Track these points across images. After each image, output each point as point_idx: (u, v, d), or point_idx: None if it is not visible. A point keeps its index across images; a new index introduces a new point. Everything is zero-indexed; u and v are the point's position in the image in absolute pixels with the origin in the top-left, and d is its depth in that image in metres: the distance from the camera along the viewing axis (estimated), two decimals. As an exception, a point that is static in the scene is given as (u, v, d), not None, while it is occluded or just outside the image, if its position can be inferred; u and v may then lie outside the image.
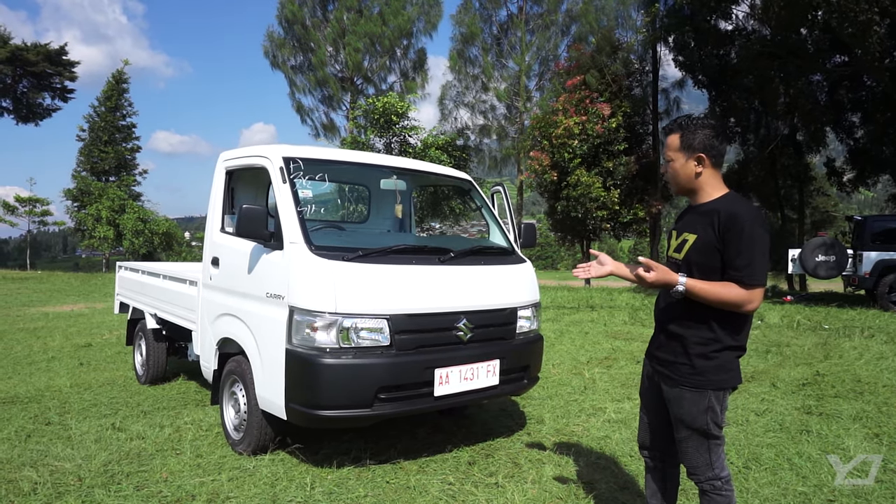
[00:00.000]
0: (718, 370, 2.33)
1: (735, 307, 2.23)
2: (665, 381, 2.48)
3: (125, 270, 7.12)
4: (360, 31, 30.95)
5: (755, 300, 2.22)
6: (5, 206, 37.85)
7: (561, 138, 21.68)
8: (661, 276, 2.29)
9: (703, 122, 2.39)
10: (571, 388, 6.08)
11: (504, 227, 4.90)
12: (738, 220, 2.23)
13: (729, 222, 2.24)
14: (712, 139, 2.36)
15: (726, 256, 2.25)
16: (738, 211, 2.26)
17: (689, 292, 2.27)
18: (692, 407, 2.37)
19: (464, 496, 3.49)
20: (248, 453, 4.00)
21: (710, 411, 2.35)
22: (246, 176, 4.94)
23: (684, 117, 2.45)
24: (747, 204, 2.34)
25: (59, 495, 3.38)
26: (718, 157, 2.39)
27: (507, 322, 4.22)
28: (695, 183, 2.41)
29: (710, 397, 2.34)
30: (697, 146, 2.36)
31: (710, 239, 2.29)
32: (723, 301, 2.24)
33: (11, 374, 6.58)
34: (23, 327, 10.30)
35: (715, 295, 2.24)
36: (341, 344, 3.51)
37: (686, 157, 2.39)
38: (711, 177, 2.39)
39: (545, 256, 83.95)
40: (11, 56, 34.95)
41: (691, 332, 2.36)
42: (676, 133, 2.41)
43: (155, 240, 32.78)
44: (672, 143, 2.43)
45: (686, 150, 2.38)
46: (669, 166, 2.45)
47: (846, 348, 8.25)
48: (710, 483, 2.41)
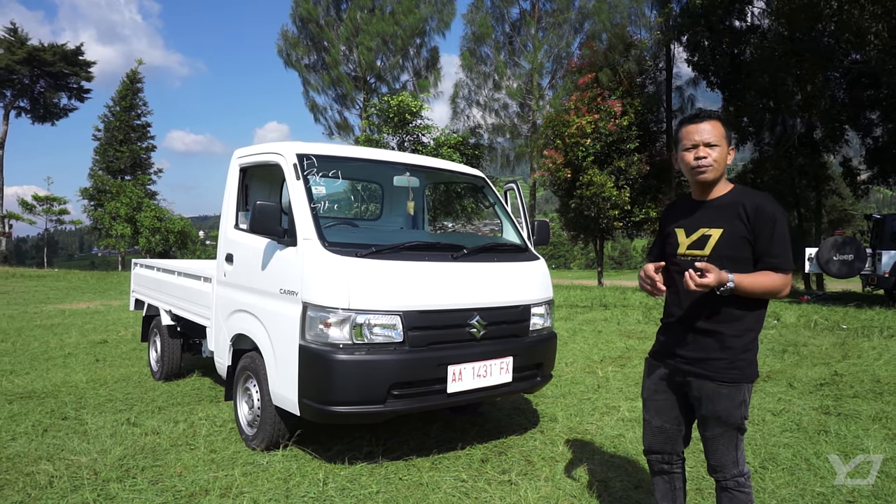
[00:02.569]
0: (752, 363, 2.36)
1: (776, 294, 2.28)
2: (696, 378, 2.41)
3: (140, 268, 7.18)
4: (374, 30, 31.00)
5: (789, 283, 2.30)
6: (23, 204, 38.40)
7: (574, 137, 21.59)
8: (718, 277, 2.18)
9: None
10: (585, 387, 6.04)
11: (517, 224, 4.88)
12: (768, 211, 2.27)
13: (759, 213, 2.27)
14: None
15: (760, 246, 2.27)
16: (763, 203, 2.30)
17: (739, 287, 2.22)
18: (729, 402, 2.34)
19: (477, 493, 3.47)
20: (261, 449, 4.01)
21: (744, 405, 2.36)
22: (260, 173, 4.95)
23: (709, 111, 2.43)
24: (768, 196, 2.37)
25: (76, 489, 3.41)
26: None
27: (520, 319, 4.20)
28: (724, 171, 2.40)
29: (745, 390, 2.35)
30: (731, 138, 2.42)
31: (739, 231, 2.29)
32: (767, 290, 2.26)
33: (29, 369, 6.66)
34: (40, 324, 10.43)
35: (762, 285, 2.25)
36: (354, 340, 3.51)
37: (727, 144, 2.39)
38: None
39: (558, 255, 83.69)
40: (29, 57, 35.44)
41: (727, 325, 2.33)
42: (717, 120, 2.36)
43: (170, 238, 33.09)
44: (716, 130, 2.34)
45: (728, 138, 2.39)
46: (715, 151, 2.34)
47: (865, 348, 8.13)
48: (734, 480, 2.39)
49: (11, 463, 3.80)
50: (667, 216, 2.60)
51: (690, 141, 2.36)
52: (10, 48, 35.50)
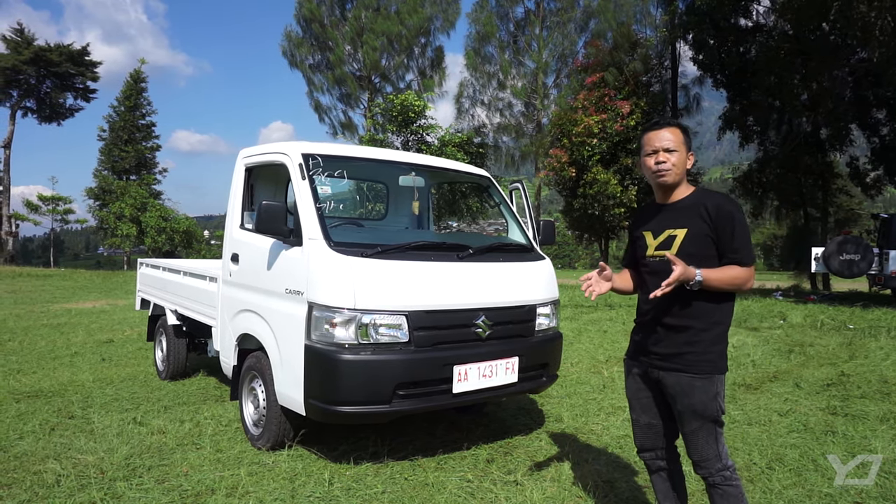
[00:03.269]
0: (722, 355, 2.45)
1: (741, 286, 2.39)
2: (669, 374, 2.49)
3: (146, 267, 7.20)
4: (378, 30, 31.04)
5: (753, 277, 2.41)
6: (29, 205, 38.58)
7: (580, 136, 21.55)
8: (684, 271, 2.30)
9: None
10: (590, 387, 6.03)
11: (523, 224, 4.87)
12: (728, 210, 2.40)
13: (719, 212, 2.39)
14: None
15: (722, 243, 2.39)
16: (722, 202, 2.43)
17: (706, 281, 2.34)
18: (703, 395, 2.42)
19: (482, 494, 3.47)
20: (267, 448, 4.02)
21: (719, 397, 2.43)
22: (265, 173, 4.96)
23: (669, 119, 2.68)
24: (727, 196, 2.53)
25: (83, 487, 3.42)
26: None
27: (526, 319, 4.19)
28: (684, 175, 2.53)
29: (717, 382, 2.43)
30: (690, 144, 2.53)
31: (702, 230, 2.41)
32: (733, 283, 2.36)
33: (36, 368, 6.69)
34: (46, 323, 10.48)
35: (728, 278, 2.36)
36: (360, 340, 3.51)
37: (686, 150, 2.52)
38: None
39: (562, 255, 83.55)
40: (35, 57, 35.57)
41: (696, 320, 2.43)
42: (676, 127, 2.53)
43: (175, 238, 33.18)
44: (676, 136, 2.50)
45: (687, 144, 2.52)
46: (674, 156, 2.48)
47: (872, 348, 8.09)
48: (720, 475, 2.43)
49: (19, 461, 3.81)
50: (635, 222, 2.73)
51: (651, 147, 2.51)
52: (17, 48, 35.65)
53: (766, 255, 55.38)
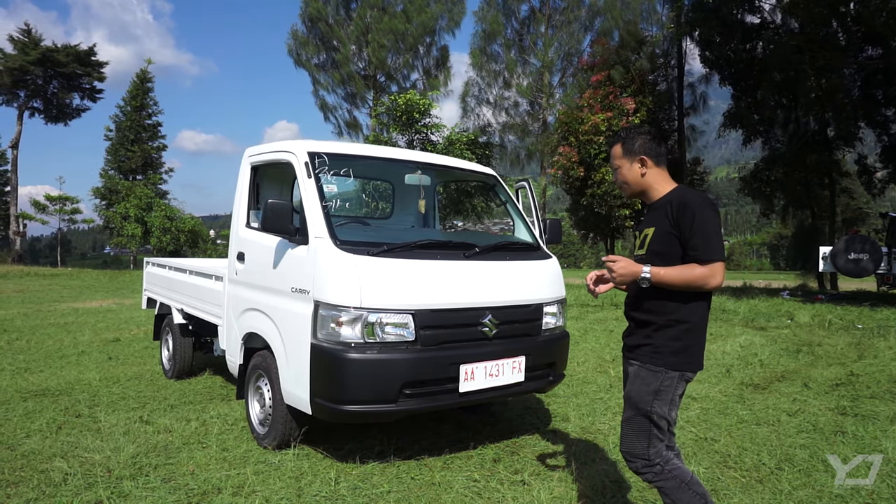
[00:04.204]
0: (678, 351, 2.42)
1: (699, 285, 2.34)
2: (630, 364, 2.57)
3: (152, 266, 7.21)
4: (384, 29, 31.02)
5: (716, 275, 2.33)
6: (36, 204, 38.79)
7: (587, 135, 21.51)
8: (626, 267, 2.40)
9: (639, 130, 2.64)
10: (597, 386, 6.00)
11: (529, 222, 4.85)
12: (689, 205, 2.39)
13: (680, 208, 2.40)
14: (650, 142, 2.57)
15: (683, 240, 2.39)
16: (688, 198, 2.42)
17: (655, 278, 2.37)
18: (642, 385, 2.45)
19: (489, 493, 3.45)
20: (273, 447, 4.01)
21: (659, 395, 2.41)
22: (271, 171, 4.95)
23: (622, 130, 2.70)
24: (696, 192, 2.50)
25: (89, 486, 3.42)
26: (659, 156, 2.58)
27: (532, 318, 4.17)
28: (643, 183, 2.58)
29: (662, 379, 2.41)
30: (638, 150, 2.57)
31: (665, 228, 2.44)
32: (687, 281, 2.35)
33: (43, 367, 6.71)
34: (54, 322, 10.52)
35: (679, 276, 2.36)
36: (366, 339, 3.50)
37: (630, 161, 2.59)
38: (658, 175, 2.57)
39: (568, 255, 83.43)
40: (42, 57, 35.76)
41: (657, 315, 2.45)
42: (618, 143, 2.63)
43: (181, 237, 33.29)
44: (616, 153, 2.64)
45: (628, 155, 2.59)
46: (618, 173, 2.64)
47: (881, 348, 8.03)
48: (649, 471, 2.42)
49: (26, 460, 3.82)
50: (635, 223, 2.78)
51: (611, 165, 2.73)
52: (24, 49, 35.85)
53: (773, 254, 55.12)
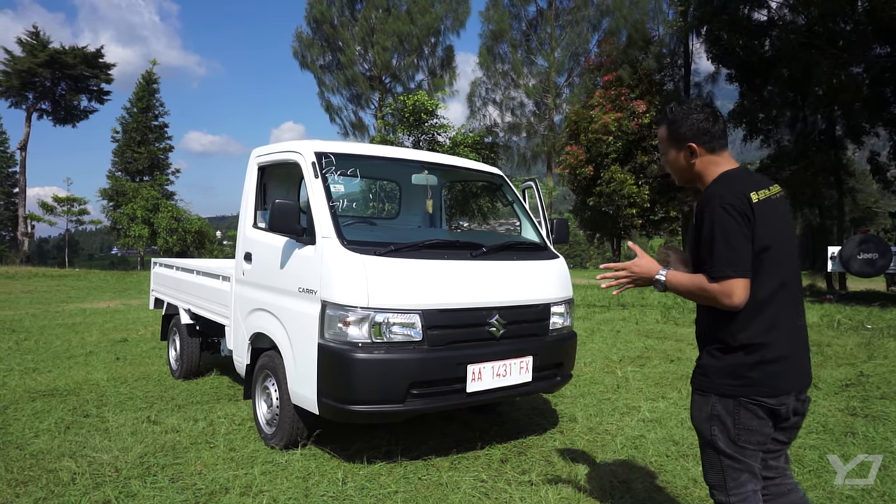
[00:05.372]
0: (723, 373, 2.06)
1: (711, 301, 2.02)
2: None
3: (160, 267, 7.23)
4: (389, 30, 31.07)
5: (729, 293, 1.96)
6: (44, 206, 39.00)
7: (597, 134, 21.49)
8: (643, 267, 2.18)
9: (692, 108, 2.19)
10: (604, 387, 5.98)
11: (536, 222, 4.83)
12: (702, 206, 2.05)
13: (698, 210, 2.08)
14: (703, 123, 2.14)
15: (699, 249, 2.08)
16: (706, 195, 2.07)
17: (669, 285, 2.13)
18: (697, 411, 2.16)
19: (497, 494, 3.44)
20: (280, 447, 4.01)
21: (716, 421, 2.08)
22: (278, 172, 4.95)
23: (673, 104, 2.27)
24: (721, 185, 2.08)
25: (98, 486, 3.43)
26: (713, 140, 2.15)
27: (540, 318, 4.15)
28: (692, 174, 2.21)
29: (715, 404, 2.08)
30: (686, 135, 2.17)
31: (691, 231, 2.18)
32: (696, 295, 2.06)
33: (51, 367, 6.74)
34: (62, 323, 10.57)
35: (686, 287, 2.08)
36: (373, 339, 3.49)
37: (676, 149, 2.21)
38: (710, 163, 2.16)
39: (574, 255, 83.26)
40: (50, 59, 35.97)
41: (705, 330, 2.16)
42: (663, 125, 2.24)
43: (187, 238, 33.42)
44: (661, 137, 2.26)
45: (675, 141, 2.21)
46: (664, 160, 2.30)
47: (891, 348, 7.96)
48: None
49: (35, 460, 3.83)
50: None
51: None
52: (32, 51, 36.07)
53: (780, 254, 54.77)
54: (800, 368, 2.11)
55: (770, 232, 2.02)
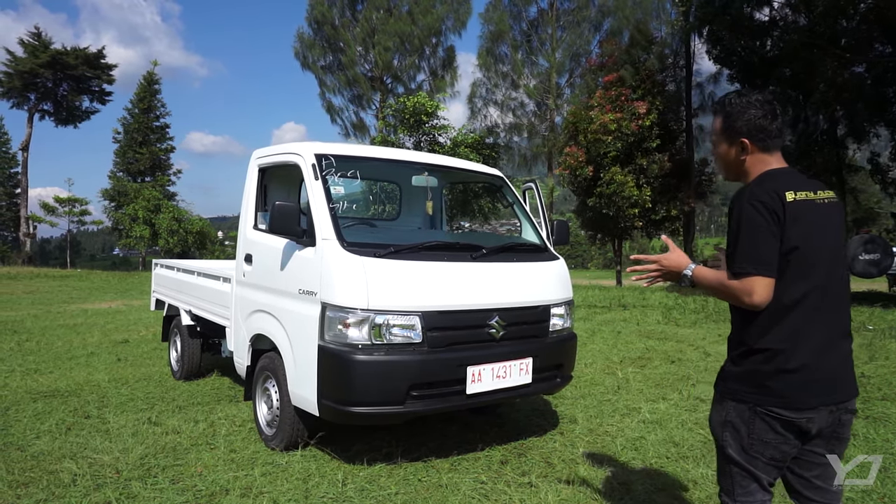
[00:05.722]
0: (740, 378, 2.00)
1: (735, 300, 1.95)
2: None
3: (161, 268, 7.24)
4: (390, 30, 31.09)
5: (749, 291, 1.89)
6: (46, 206, 39.10)
7: (595, 134, 21.46)
8: (674, 260, 2.11)
9: (751, 101, 2.05)
10: (604, 388, 5.98)
11: (536, 224, 4.84)
12: (732, 202, 1.98)
13: (729, 206, 2.01)
14: (760, 120, 2.02)
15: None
16: (739, 192, 2.00)
17: (695, 279, 2.06)
18: (714, 414, 2.11)
19: (496, 495, 3.44)
20: (280, 449, 4.02)
21: (729, 427, 2.01)
22: (279, 173, 4.96)
23: (733, 94, 2.13)
24: (754, 183, 2.01)
25: (98, 487, 3.44)
26: (768, 139, 2.04)
27: (539, 320, 4.16)
28: (739, 170, 2.11)
29: (730, 410, 2.01)
30: (741, 129, 2.05)
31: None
32: (719, 291, 1.99)
33: (53, 368, 6.75)
34: (63, 323, 10.59)
35: (710, 283, 2.02)
36: (373, 340, 3.50)
37: (728, 142, 2.10)
38: (758, 162, 2.06)
39: (575, 255, 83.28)
40: (52, 60, 36.06)
41: (732, 333, 2.09)
42: (719, 116, 2.13)
43: (189, 239, 33.47)
44: (715, 127, 2.15)
45: (728, 134, 2.09)
46: (714, 151, 2.19)
47: (893, 349, 7.95)
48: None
49: (36, 461, 3.84)
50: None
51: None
52: (34, 52, 36.17)
53: (782, 254, 54.68)
54: (832, 381, 1.95)
55: (802, 233, 1.92)
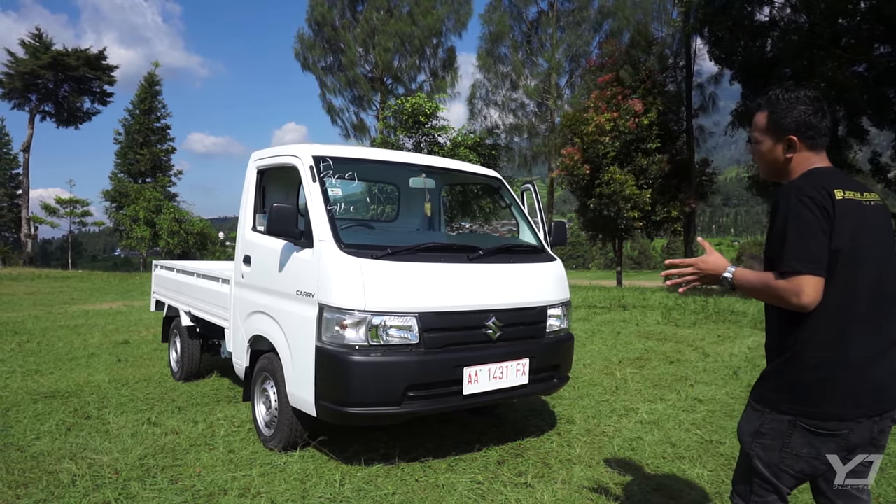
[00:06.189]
0: (780, 387, 1.91)
1: (781, 301, 1.83)
2: None
3: (161, 269, 7.27)
4: (390, 31, 31.13)
5: (798, 291, 1.77)
6: (47, 207, 39.18)
7: (592, 135, 21.47)
8: (712, 263, 2.01)
9: (800, 97, 1.96)
10: (603, 389, 5.99)
11: (534, 225, 4.86)
12: (778, 198, 1.89)
13: (773, 202, 1.91)
14: (809, 117, 1.94)
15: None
16: (785, 187, 1.90)
17: (737, 282, 1.96)
18: (745, 423, 2.03)
19: (493, 495, 3.46)
20: (278, 449, 4.04)
21: (763, 438, 1.94)
22: (277, 175, 4.98)
23: (779, 89, 2.02)
24: (803, 179, 1.91)
25: (97, 487, 3.46)
26: (817, 136, 1.95)
27: (536, 321, 4.17)
28: (785, 168, 2.01)
29: (766, 421, 1.93)
30: (790, 126, 1.96)
31: (768, 226, 2.02)
32: (766, 293, 1.88)
33: (53, 369, 6.78)
34: (64, 324, 10.62)
35: (754, 285, 1.91)
36: (370, 341, 3.52)
37: (774, 139, 2.00)
38: (804, 161, 1.97)
39: (576, 255, 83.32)
40: (53, 61, 36.13)
41: (770, 338, 2.00)
42: (764, 111, 2.02)
43: (190, 240, 33.51)
44: (759, 123, 2.04)
45: (775, 131, 1.99)
46: (755, 148, 2.07)
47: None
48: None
49: (36, 461, 3.86)
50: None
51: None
52: (35, 53, 36.25)
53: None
54: (878, 391, 1.88)
55: (848, 232, 1.83)
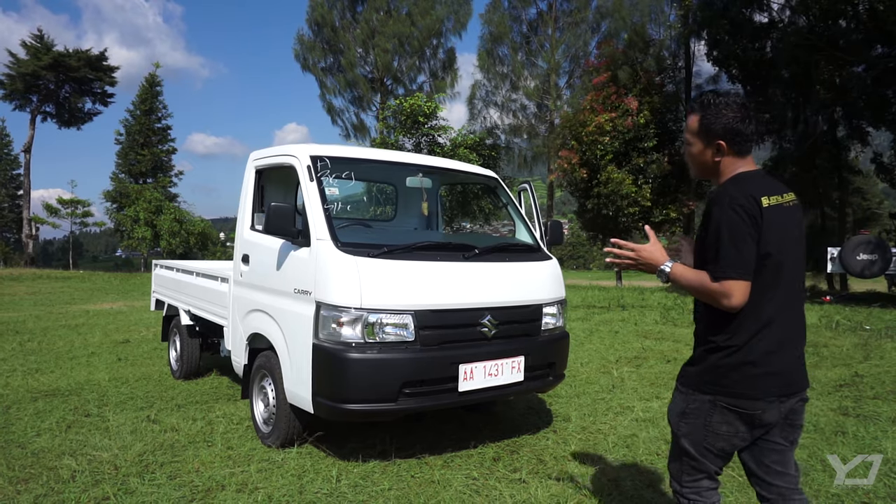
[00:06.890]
0: (705, 371, 2.10)
1: (713, 301, 2.01)
2: None
3: (160, 268, 7.31)
4: (390, 32, 31.20)
5: (729, 294, 1.95)
6: (48, 208, 39.22)
7: (592, 136, 21.51)
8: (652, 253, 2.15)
9: (729, 103, 2.07)
10: (599, 387, 6.03)
11: (530, 224, 4.89)
12: (709, 205, 2.04)
13: (707, 207, 2.06)
14: (737, 123, 2.05)
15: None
16: (717, 194, 2.04)
17: (672, 276, 2.11)
18: (673, 404, 2.22)
19: (487, 491, 3.50)
20: (276, 446, 4.08)
21: (685, 418, 2.14)
22: (275, 175, 5.02)
23: (710, 94, 2.13)
24: (733, 186, 2.05)
25: (97, 483, 3.51)
26: (743, 142, 2.08)
27: (532, 319, 4.21)
28: (714, 170, 2.15)
29: (691, 401, 2.13)
30: (719, 131, 2.07)
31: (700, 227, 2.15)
32: (697, 291, 2.05)
33: (54, 367, 6.82)
34: (65, 324, 10.66)
35: (689, 282, 2.06)
36: (366, 339, 3.56)
37: (704, 143, 2.12)
38: (731, 164, 2.10)
39: (577, 256, 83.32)
40: (54, 62, 36.15)
41: (699, 329, 2.17)
42: (697, 115, 2.12)
43: (191, 240, 33.53)
44: (691, 126, 2.15)
45: (705, 135, 2.10)
46: (687, 149, 2.21)
47: (888, 349, 8.00)
48: (677, 496, 2.22)
49: (36, 458, 3.91)
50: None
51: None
52: (37, 54, 36.28)
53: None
54: (787, 375, 2.07)
55: (775, 238, 2.00)
